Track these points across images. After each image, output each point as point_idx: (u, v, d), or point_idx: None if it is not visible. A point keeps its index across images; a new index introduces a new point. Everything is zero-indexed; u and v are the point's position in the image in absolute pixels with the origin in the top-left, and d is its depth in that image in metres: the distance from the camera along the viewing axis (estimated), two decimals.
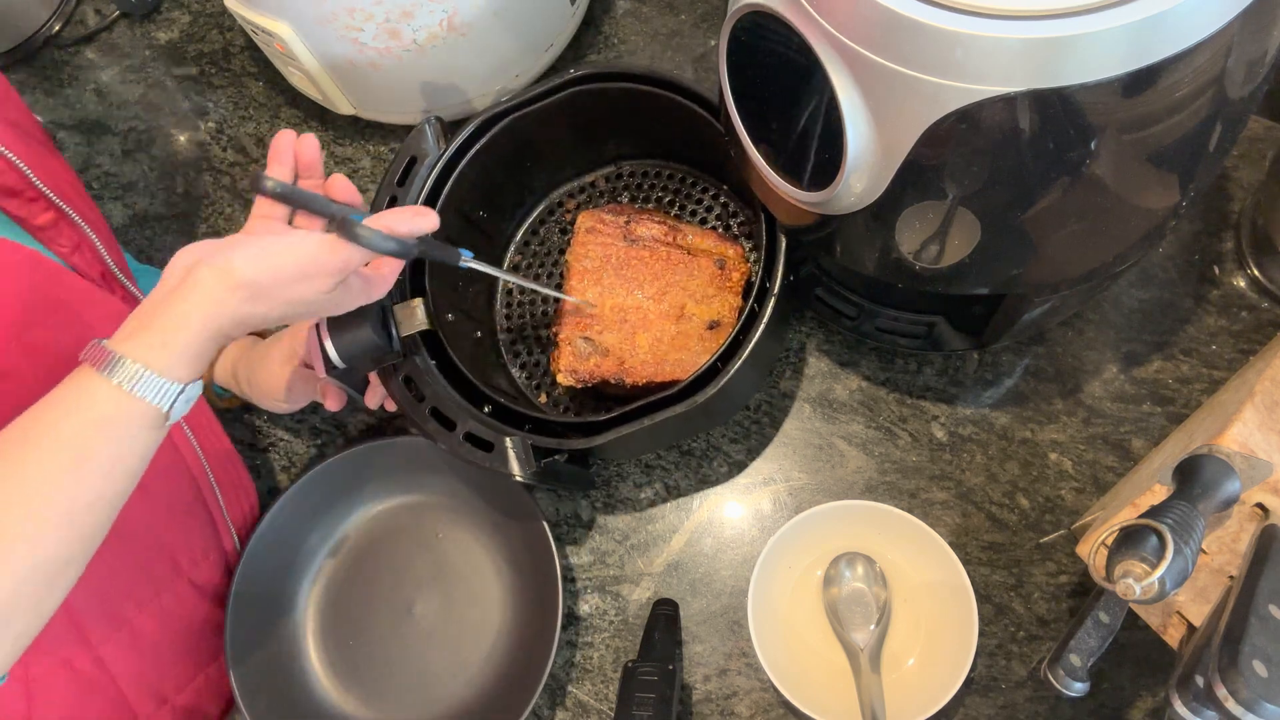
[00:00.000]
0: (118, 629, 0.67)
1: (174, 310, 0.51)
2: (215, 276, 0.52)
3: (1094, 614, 0.60)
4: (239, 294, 0.52)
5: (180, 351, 0.51)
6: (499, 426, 0.69)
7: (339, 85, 0.87)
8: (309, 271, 0.54)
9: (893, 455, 0.79)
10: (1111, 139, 0.49)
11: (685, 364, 0.75)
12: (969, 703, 0.73)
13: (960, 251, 0.56)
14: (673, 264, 0.78)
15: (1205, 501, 0.53)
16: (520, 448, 0.67)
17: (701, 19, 0.97)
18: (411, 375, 0.70)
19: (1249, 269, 0.79)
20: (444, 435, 0.68)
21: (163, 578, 0.71)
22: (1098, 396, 0.79)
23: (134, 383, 0.49)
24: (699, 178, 0.86)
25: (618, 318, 0.77)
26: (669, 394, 0.68)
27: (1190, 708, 0.50)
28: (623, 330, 0.77)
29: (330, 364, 0.64)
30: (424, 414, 0.69)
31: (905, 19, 0.45)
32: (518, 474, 0.66)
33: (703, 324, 0.77)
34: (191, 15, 1.05)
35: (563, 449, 0.69)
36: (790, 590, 0.76)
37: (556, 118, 0.78)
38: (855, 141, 0.51)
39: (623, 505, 0.81)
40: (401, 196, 0.75)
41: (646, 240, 0.79)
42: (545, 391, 0.82)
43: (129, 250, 0.94)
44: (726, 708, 0.75)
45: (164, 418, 0.52)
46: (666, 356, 0.76)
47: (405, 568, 0.81)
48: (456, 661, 0.78)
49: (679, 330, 0.77)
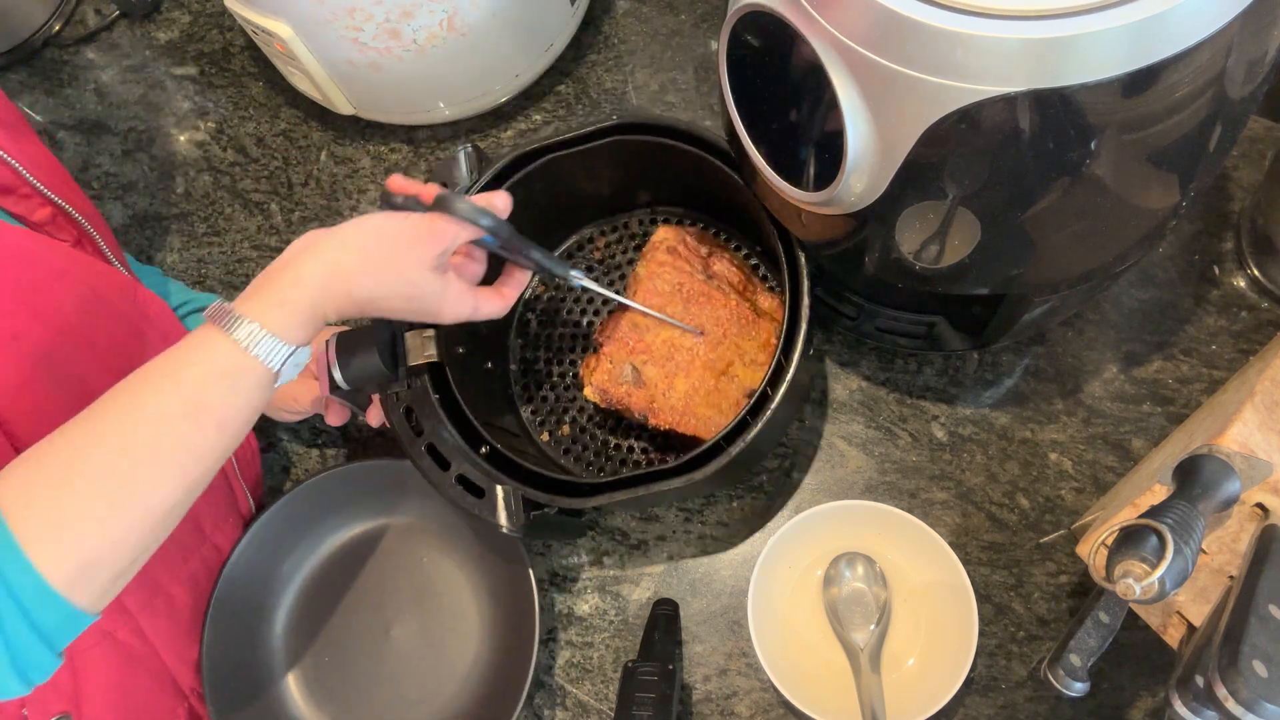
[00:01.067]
0: (154, 596, 0.67)
1: (291, 273, 0.54)
2: (330, 241, 0.55)
3: (1094, 614, 0.60)
4: (350, 257, 0.54)
5: (294, 311, 0.53)
6: (493, 473, 0.68)
7: (339, 85, 0.87)
8: (410, 238, 0.56)
9: (893, 455, 0.79)
10: (1111, 139, 0.49)
11: (712, 422, 0.72)
12: (969, 703, 0.73)
13: (960, 251, 0.56)
14: (737, 317, 0.74)
15: (1205, 501, 0.53)
16: (511, 499, 0.66)
17: (701, 19, 0.97)
18: (413, 407, 0.70)
19: (1249, 269, 0.79)
20: (436, 474, 0.68)
21: (190, 543, 0.71)
22: (1098, 396, 0.79)
23: (250, 340, 0.52)
24: (733, 234, 0.83)
25: (665, 353, 0.73)
26: (667, 468, 0.66)
27: (1190, 708, 0.50)
28: (666, 368, 0.73)
29: (334, 384, 0.65)
30: (420, 449, 0.69)
31: (905, 19, 0.45)
32: (504, 526, 0.66)
33: (743, 389, 0.73)
34: (191, 15, 1.05)
35: (553, 505, 0.67)
36: (790, 590, 0.76)
37: (594, 161, 0.77)
38: (855, 141, 0.51)
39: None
40: None
41: (721, 282, 0.75)
42: (549, 430, 0.81)
43: (129, 250, 0.95)
44: (726, 708, 0.75)
45: (274, 377, 0.53)
46: (697, 410, 0.72)
47: (388, 589, 0.80)
48: (428, 689, 0.77)
49: (717, 387, 0.73)
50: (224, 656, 0.75)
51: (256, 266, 0.93)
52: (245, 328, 0.52)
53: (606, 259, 0.85)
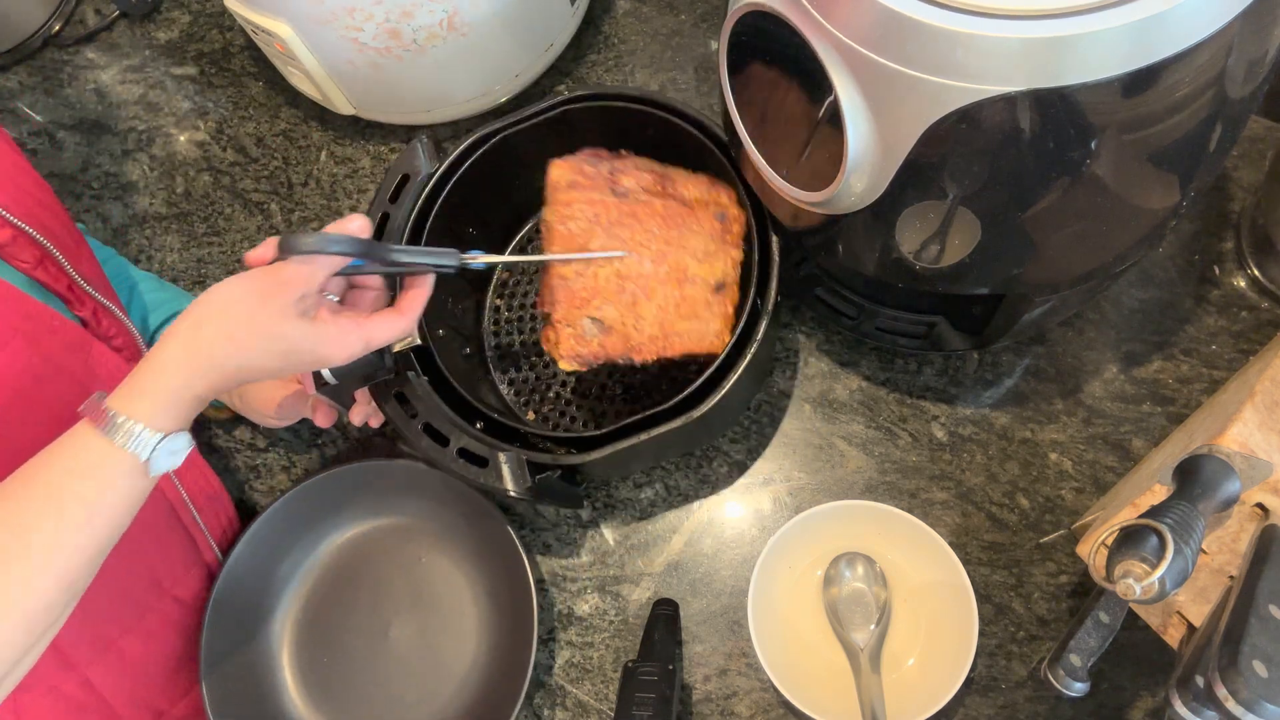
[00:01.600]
0: (103, 652, 0.66)
1: (155, 361, 0.53)
2: (184, 322, 0.53)
3: (1094, 614, 0.60)
4: (207, 332, 0.53)
5: (159, 400, 0.52)
6: (492, 442, 0.68)
7: (339, 85, 0.87)
8: (260, 292, 0.54)
9: (893, 455, 0.79)
10: (1112, 139, 0.49)
11: (696, 333, 0.68)
12: (969, 703, 0.73)
13: (960, 251, 0.56)
14: (670, 219, 0.69)
15: (1205, 501, 0.53)
16: (514, 463, 0.66)
17: (701, 19, 0.97)
18: (404, 392, 0.70)
19: (1249, 269, 0.79)
20: (437, 451, 0.68)
21: (145, 599, 0.71)
22: (1098, 396, 0.79)
23: (114, 430, 0.51)
24: None
25: (616, 288, 0.68)
26: (663, 408, 0.66)
27: (1190, 708, 0.50)
28: (623, 302, 0.68)
29: (320, 380, 0.64)
30: (417, 430, 0.68)
31: (906, 19, 0.45)
32: (511, 489, 0.66)
33: (709, 286, 0.69)
34: (191, 15, 1.05)
35: (557, 464, 0.68)
36: (790, 590, 0.76)
37: (547, 136, 0.76)
38: (855, 141, 0.51)
39: (623, 505, 0.81)
40: (394, 214, 0.74)
41: (636, 192, 0.70)
42: (534, 409, 0.81)
43: (128, 250, 0.95)
44: (726, 708, 0.75)
45: (144, 466, 0.52)
46: (674, 327, 0.68)
47: (386, 589, 0.80)
48: (427, 689, 0.77)
49: (684, 295, 0.68)
50: (222, 656, 0.75)
51: None
52: (113, 421, 0.51)
53: None
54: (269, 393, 0.76)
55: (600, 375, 0.81)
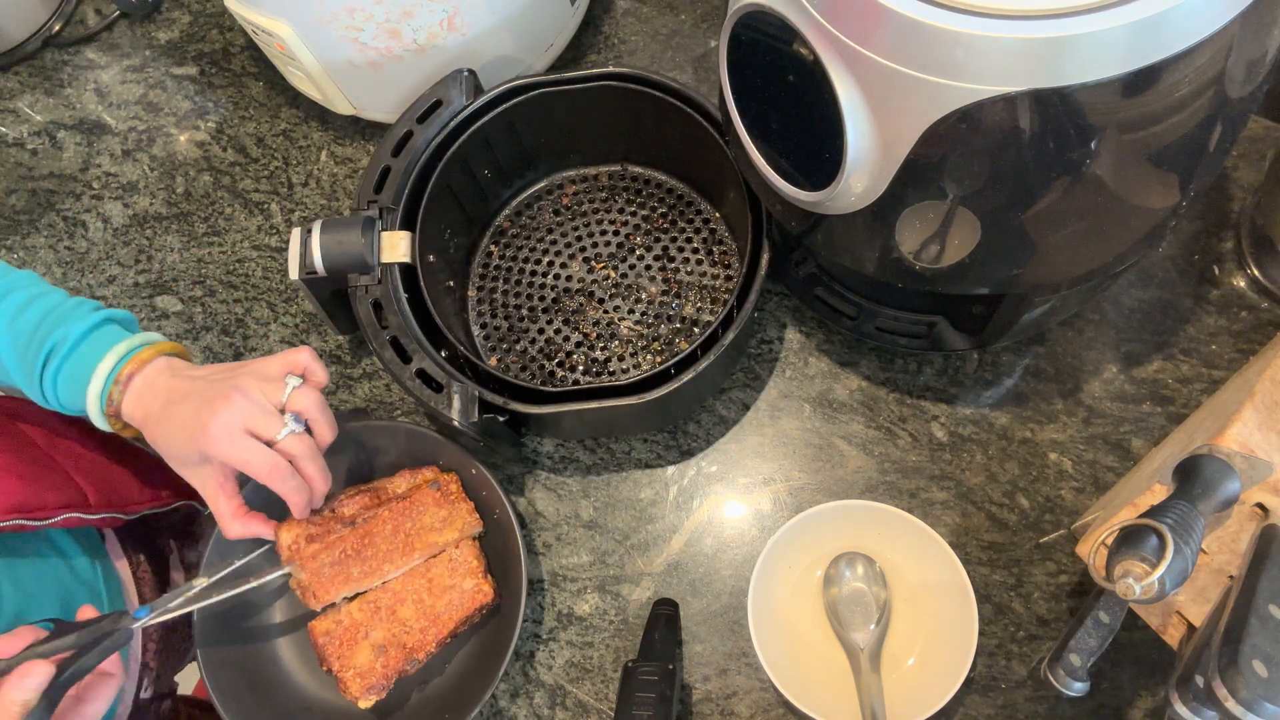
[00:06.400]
0: None
1: None
2: None
3: (1094, 614, 0.60)
4: None
5: None
6: (452, 372, 0.71)
7: (339, 85, 0.87)
8: None
9: (893, 455, 0.79)
10: (1112, 139, 0.49)
11: (457, 600, 0.72)
12: (969, 703, 0.73)
13: (960, 251, 0.56)
14: (397, 517, 0.73)
15: (1205, 501, 0.53)
16: (466, 396, 0.69)
17: (701, 19, 0.97)
18: (381, 301, 0.73)
19: (1249, 269, 0.79)
20: (398, 366, 0.71)
21: None
22: (1098, 396, 0.79)
23: None
24: (696, 200, 0.87)
25: (370, 611, 0.72)
26: (621, 384, 0.69)
27: (1190, 708, 0.50)
28: (381, 618, 0.72)
29: (308, 266, 0.66)
30: (384, 340, 0.72)
31: (906, 19, 0.45)
32: (457, 420, 0.68)
33: (449, 551, 0.74)
34: (191, 15, 1.05)
35: (506, 409, 0.71)
36: (790, 590, 0.76)
37: (583, 104, 0.80)
38: (855, 141, 0.51)
39: (623, 505, 0.81)
40: (418, 133, 0.78)
41: (359, 514, 0.74)
42: (499, 356, 0.84)
43: (128, 250, 0.95)
44: (726, 708, 0.75)
45: None
46: (436, 609, 0.72)
47: None
48: None
49: (430, 578, 0.73)
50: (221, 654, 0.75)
51: (256, 266, 0.93)
52: None
53: (573, 205, 0.88)
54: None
55: (569, 344, 0.83)
